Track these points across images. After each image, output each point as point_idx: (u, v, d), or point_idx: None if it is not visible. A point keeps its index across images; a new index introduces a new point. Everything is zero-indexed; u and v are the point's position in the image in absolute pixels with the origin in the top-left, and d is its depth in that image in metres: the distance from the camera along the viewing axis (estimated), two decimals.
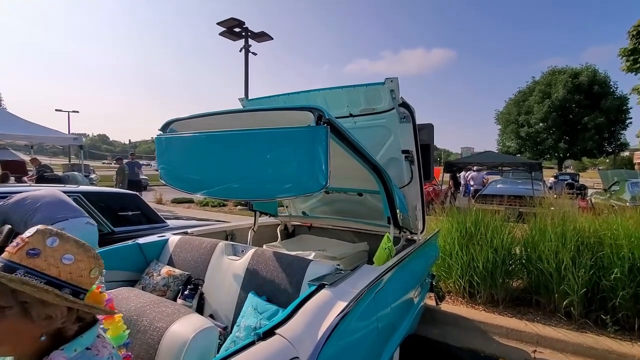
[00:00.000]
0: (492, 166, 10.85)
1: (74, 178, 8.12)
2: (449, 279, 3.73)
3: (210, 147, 1.75)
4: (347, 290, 1.55)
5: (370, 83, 2.45)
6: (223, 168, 1.76)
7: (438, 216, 4.17)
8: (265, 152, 1.58)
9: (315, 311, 1.36)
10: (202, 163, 1.82)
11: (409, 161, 2.73)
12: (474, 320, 3.26)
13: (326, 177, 1.46)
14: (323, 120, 1.46)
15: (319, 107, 1.50)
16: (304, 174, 1.53)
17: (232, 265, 2.07)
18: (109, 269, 2.24)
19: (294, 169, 1.55)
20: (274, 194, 1.76)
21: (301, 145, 1.50)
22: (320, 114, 1.48)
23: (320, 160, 1.45)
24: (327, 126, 1.44)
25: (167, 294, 2.11)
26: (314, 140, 1.45)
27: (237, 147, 1.66)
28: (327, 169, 1.46)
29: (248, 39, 11.25)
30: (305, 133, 1.48)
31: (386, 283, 1.89)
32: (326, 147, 1.44)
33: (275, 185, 1.67)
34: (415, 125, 2.54)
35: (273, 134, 1.53)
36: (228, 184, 1.81)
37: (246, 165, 1.67)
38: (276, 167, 1.59)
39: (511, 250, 3.60)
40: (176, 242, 2.41)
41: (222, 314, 1.97)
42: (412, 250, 2.55)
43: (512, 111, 28.85)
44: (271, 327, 1.17)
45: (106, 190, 3.92)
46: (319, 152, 1.45)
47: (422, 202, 2.93)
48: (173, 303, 1.22)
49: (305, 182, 1.54)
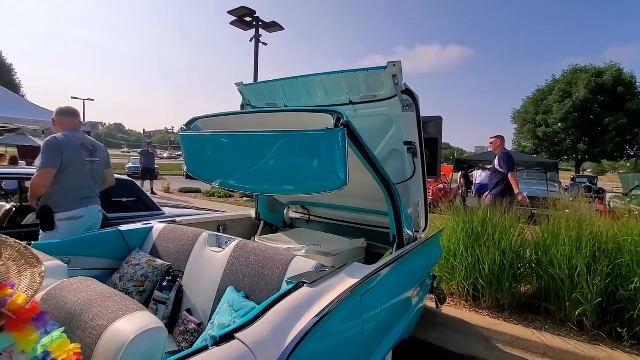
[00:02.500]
0: None
1: None
2: (452, 280, 3.54)
3: (236, 145, 1.90)
4: (328, 290, 1.39)
5: (371, 67, 2.26)
6: (247, 165, 1.92)
7: (444, 214, 3.96)
8: (287, 153, 1.71)
9: (287, 313, 1.20)
10: (229, 160, 1.99)
11: (412, 153, 2.54)
12: (476, 325, 3.07)
13: (345, 175, 1.57)
14: (341, 122, 1.53)
15: (339, 110, 1.58)
16: (324, 173, 1.64)
17: (213, 257, 1.94)
18: (88, 256, 2.17)
19: (315, 168, 1.65)
20: (296, 190, 1.92)
21: (321, 146, 1.60)
22: (339, 117, 1.55)
23: (340, 159, 1.55)
24: (345, 128, 1.52)
25: (145, 284, 2.00)
26: (333, 141, 1.54)
27: (261, 147, 1.79)
28: (346, 167, 1.56)
29: (259, 28, 11.08)
30: (324, 135, 1.56)
31: (378, 283, 1.73)
32: (344, 147, 1.53)
33: (297, 182, 1.84)
34: (419, 115, 2.35)
35: (296, 136, 1.64)
36: (252, 181, 2.00)
37: (269, 164, 1.79)
38: (297, 166, 1.72)
39: (520, 253, 3.38)
40: (160, 231, 2.30)
41: (199, 309, 1.85)
42: (411, 249, 2.37)
43: (530, 110, 27.99)
44: (230, 331, 1.02)
45: None
46: (338, 152, 1.54)
47: (424, 198, 2.75)
48: (124, 297, 1.08)
49: (325, 180, 1.65)
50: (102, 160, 2.79)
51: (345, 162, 1.55)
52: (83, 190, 2.58)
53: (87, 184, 2.62)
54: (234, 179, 2.13)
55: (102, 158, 2.80)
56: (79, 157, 2.55)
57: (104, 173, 2.83)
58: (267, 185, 2.05)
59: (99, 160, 2.74)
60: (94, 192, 2.70)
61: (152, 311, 1.88)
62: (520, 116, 29.01)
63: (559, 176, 10.77)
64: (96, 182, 2.73)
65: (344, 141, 1.53)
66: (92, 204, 2.64)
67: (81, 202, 2.54)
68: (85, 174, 2.60)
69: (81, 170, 2.57)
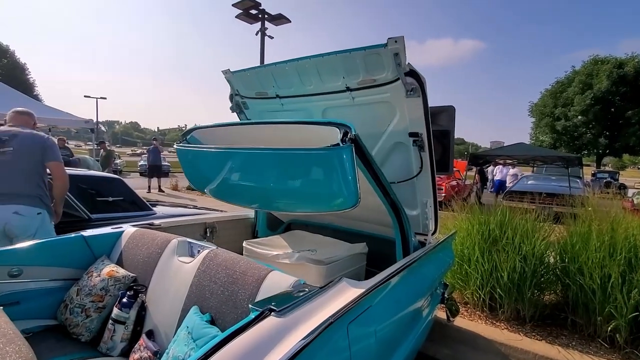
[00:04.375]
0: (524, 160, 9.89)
1: (84, 161, 8.05)
2: (466, 289, 3.18)
3: (236, 162, 1.82)
4: (303, 319, 1.08)
5: (369, 45, 1.93)
6: (249, 182, 1.86)
7: (456, 214, 3.60)
8: (291, 171, 1.62)
9: (242, 354, 0.90)
10: (229, 176, 1.89)
11: (418, 147, 2.20)
12: (494, 340, 2.72)
13: (356, 194, 1.49)
14: (349, 137, 1.40)
15: (346, 123, 1.45)
16: (332, 192, 1.56)
17: (181, 269, 1.66)
18: (45, 265, 1.90)
19: (322, 187, 1.58)
20: (302, 209, 1.89)
21: (327, 165, 1.49)
22: (346, 130, 1.42)
23: (349, 178, 1.45)
24: (352, 144, 1.40)
25: (105, 299, 1.73)
26: (341, 159, 1.42)
27: (262, 165, 1.72)
28: (356, 186, 1.47)
29: (264, 21, 10.78)
30: (330, 154, 1.43)
31: (374, 303, 1.42)
32: (353, 165, 1.42)
33: (303, 201, 1.81)
34: (426, 101, 2.00)
35: (299, 154, 1.52)
36: (255, 197, 1.97)
37: (272, 182, 1.74)
38: (303, 185, 1.64)
39: (544, 259, 3.00)
40: (129, 236, 2.03)
41: (162, 331, 1.57)
42: (419, 256, 2.05)
43: (548, 103, 26.95)
44: None
45: (84, 173, 3.62)
46: (346, 170, 1.44)
47: (433, 198, 2.41)
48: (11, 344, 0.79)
49: (334, 200, 1.59)
50: (20, 150, 2.37)
51: (355, 180, 1.46)
52: None
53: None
54: (236, 195, 2.09)
55: (20, 148, 2.37)
56: None
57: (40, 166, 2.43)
58: (272, 202, 2.03)
59: (12, 151, 2.34)
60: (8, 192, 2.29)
61: (109, 332, 1.62)
62: (538, 109, 27.99)
63: (582, 171, 10.16)
64: (15, 179, 2.33)
65: (353, 159, 1.41)
66: (5, 203, 2.26)
67: None
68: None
69: None
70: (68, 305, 1.75)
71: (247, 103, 2.76)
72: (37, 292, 1.82)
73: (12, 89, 9.33)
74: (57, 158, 2.53)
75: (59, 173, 2.50)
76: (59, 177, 2.50)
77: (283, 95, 2.51)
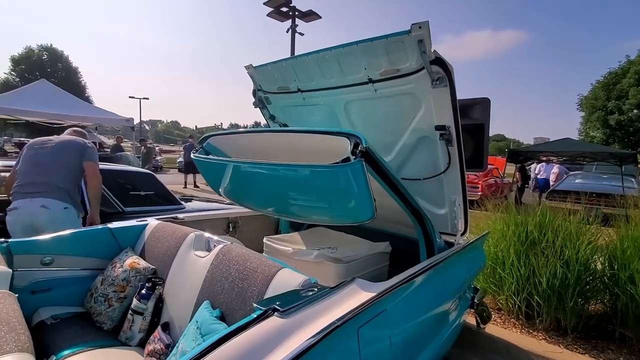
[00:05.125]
0: (570, 156, 9.12)
1: (125, 158, 8.50)
2: (500, 294, 2.97)
3: (249, 175, 1.86)
4: (309, 321, 1.02)
5: (392, 33, 1.82)
6: (265, 193, 1.94)
7: (490, 214, 3.38)
8: (303, 186, 1.65)
9: (240, 357, 0.86)
10: (245, 186, 2.00)
11: (446, 140, 2.06)
12: (529, 351, 2.51)
13: (372, 207, 1.49)
14: (360, 149, 1.35)
15: (357, 133, 1.41)
16: (347, 207, 1.59)
17: (197, 263, 1.66)
18: (74, 255, 2.00)
19: (336, 202, 1.61)
20: (321, 221, 1.98)
21: (338, 182, 1.47)
22: (357, 141, 1.38)
23: (362, 193, 1.43)
24: (361, 159, 1.34)
25: (126, 290, 1.78)
26: (351, 176, 1.39)
27: (274, 179, 1.74)
28: (371, 199, 1.45)
29: (295, 18, 10.80)
30: (340, 171, 1.39)
31: (391, 305, 1.33)
32: (365, 181, 1.39)
33: (320, 214, 1.88)
34: (454, 91, 1.86)
35: (307, 170, 1.51)
36: (273, 206, 2.05)
37: (287, 196, 1.80)
38: (318, 199, 1.67)
39: (589, 265, 2.73)
40: (152, 229, 2.07)
41: (176, 324, 1.58)
42: (444, 257, 1.92)
43: (600, 96, 24.80)
44: None
45: (118, 168, 3.79)
46: (358, 186, 1.41)
47: (463, 196, 2.26)
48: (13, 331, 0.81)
49: (350, 214, 1.65)
50: (59, 146, 2.57)
51: (368, 195, 1.43)
52: (24, 182, 2.44)
53: (30, 174, 2.45)
54: (250, 200, 2.21)
55: (61, 145, 2.58)
56: (29, 149, 2.57)
57: (74, 164, 2.58)
58: (285, 210, 2.07)
59: (52, 146, 2.56)
60: (36, 185, 2.42)
61: (129, 322, 1.66)
62: (589, 103, 25.83)
63: (638, 170, 9.23)
64: (47, 172, 2.47)
65: (364, 174, 1.36)
66: (33, 197, 2.37)
67: (18, 195, 2.40)
68: (30, 164, 2.49)
69: (26, 161, 2.51)
70: (93, 294, 1.82)
71: (270, 98, 2.74)
72: (66, 281, 1.91)
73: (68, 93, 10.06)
74: (93, 159, 2.67)
75: (92, 172, 2.63)
76: (91, 176, 2.62)
77: (304, 90, 2.46)
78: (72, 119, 8.00)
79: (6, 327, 0.83)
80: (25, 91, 8.72)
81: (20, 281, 1.75)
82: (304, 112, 2.67)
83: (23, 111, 7.53)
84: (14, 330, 0.82)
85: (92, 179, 2.62)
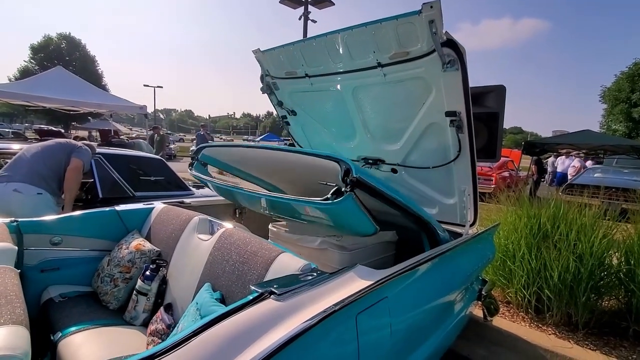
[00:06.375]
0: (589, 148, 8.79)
1: (138, 145, 8.61)
2: (509, 287, 2.91)
3: (241, 195, 2.03)
4: (305, 305, 1.01)
5: (401, 14, 1.75)
6: (259, 207, 2.00)
7: (502, 206, 3.29)
8: (304, 213, 1.73)
9: (233, 336, 0.85)
10: (240, 198, 2.19)
11: (456, 127, 1.99)
12: (538, 345, 2.46)
13: (372, 225, 1.61)
14: (350, 178, 1.36)
15: (346, 160, 1.41)
16: (349, 228, 1.78)
17: (200, 246, 1.66)
18: (83, 236, 2.03)
19: (337, 224, 1.74)
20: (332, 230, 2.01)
21: (332, 213, 1.54)
22: (347, 168, 1.38)
23: (358, 219, 1.52)
24: (352, 195, 1.37)
25: (131, 271, 1.80)
26: (343, 209, 1.42)
27: (276, 203, 1.82)
28: (368, 220, 1.54)
29: (308, 5, 10.64)
30: (331, 207, 1.41)
31: (393, 293, 1.31)
32: (358, 210, 1.45)
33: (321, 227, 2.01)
34: (466, 75, 1.79)
35: (306, 203, 1.53)
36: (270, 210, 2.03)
37: (293, 214, 1.92)
38: (320, 220, 1.74)
39: (604, 260, 2.63)
40: (158, 212, 2.09)
41: (179, 305, 1.59)
42: (452, 246, 1.88)
43: (624, 87, 23.81)
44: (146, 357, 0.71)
45: (129, 154, 3.82)
46: (352, 215, 1.49)
47: (473, 185, 2.19)
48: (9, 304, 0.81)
49: (353, 231, 1.85)
50: (51, 143, 2.77)
51: (365, 218, 1.52)
52: (5, 168, 2.52)
53: (12, 163, 2.55)
54: (253, 206, 2.29)
55: (53, 142, 2.77)
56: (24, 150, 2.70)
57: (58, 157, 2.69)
58: (290, 216, 2.11)
59: (45, 143, 2.75)
60: (14, 171, 2.49)
61: (133, 302, 1.68)
62: (612, 95, 24.86)
63: None
64: (28, 162, 2.55)
65: (356, 205, 1.41)
66: (7, 181, 2.42)
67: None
68: (16, 157, 2.60)
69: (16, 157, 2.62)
70: (100, 274, 1.85)
71: (278, 84, 2.70)
72: (75, 260, 1.95)
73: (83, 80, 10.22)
74: (80, 157, 2.73)
75: (74, 166, 2.68)
76: (70, 169, 2.66)
77: (312, 75, 2.41)
78: (87, 106, 8.15)
79: (3, 300, 0.84)
80: (42, 78, 8.90)
81: (30, 260, 1.80)
82: (312, 98, 2.63)
83: (40, 97, 7.71)
84: (10, 303, 0.83)
85: (70, 172, 2.66)
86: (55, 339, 1.45)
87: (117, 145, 8.16)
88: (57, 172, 2.65)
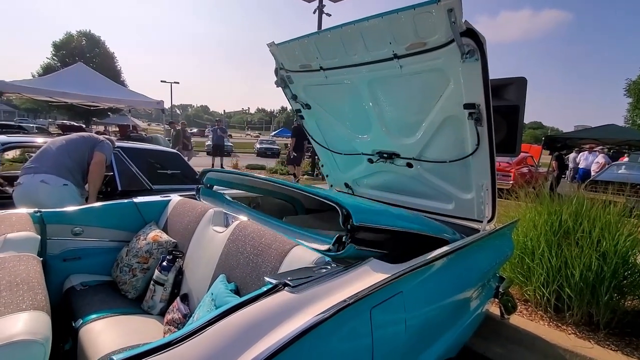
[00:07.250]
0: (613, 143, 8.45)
1: (155, 140, 8.81)
2: (528, 285, 2.84)
3: None
4: (320, 297, 1.00)
5: (419, 3, 1.70)
6: None
7: (521, 202, 3.21)
8: None
9: (247, 327, 0.86)
10: None
11: (475, 120, 1.94)
12: (557, 345, 2.39)
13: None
14: (350, 224, 1.34)
15: (346, 205, 1.38)
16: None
17: (215, 238, 1.68)
18: (102, 227, 2.08)
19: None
20: None
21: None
22: (347, 214, 1.36)
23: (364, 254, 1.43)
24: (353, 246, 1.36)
25: (149, 261, 1.84)
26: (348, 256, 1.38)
27: None
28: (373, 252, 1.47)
29: None
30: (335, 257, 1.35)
31: (408, 288, 1.29)
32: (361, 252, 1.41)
33: None
34: (486, 66, 1.73)
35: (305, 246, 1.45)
36: None
37: None
38: None
39: (629, 258, 2.54)
40: (174, 204, 2.12)
41: (194, 296, 1.61)
42: (469, 242, 1.84)
43: None
44: (141, 353, 0.71)
45: (146, 147, 3.90)
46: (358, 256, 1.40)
47: (491, 180, 2.14)
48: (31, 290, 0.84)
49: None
50: (76, 136, 2.86)
51: (370, 253, 1.44)
52: (33, 160, 2.61)
53: (39, 154, 2.64)
54: None
55: (78, 136, 2.87)
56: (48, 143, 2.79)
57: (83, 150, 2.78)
58: None
59: (70, 136, 2.84)
60: (41, 163, 2.58)
61: (150, 292, 1.72)
62: (637, 88, 23.85)
63: None
64: (54, 154, 2.64)
65: (359, 251, 1.39)
66: (35, 173, 2.51)
67: (25, 170, 2.56)
68: (42, 149, 2.68)
69: (41, 149, 2.70)
70: (119, 264, 1.90)
71: (292, 77, 2.68)
72: (95, 250, 2.00)
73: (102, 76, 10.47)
74: (103, 151, 2.82)
75: (97, 160, 2.77)
76: (94, 162, 2.75)
77: (327, 67, 2.39)
78: (106, 101, 8.35)
79: (25, 286, 0.87)
80: (64, 74, 9.17)
81: (53, 249, 1.86)
82: (327, 91, 2.60)
83: (61, 93, 7.95)
84: (32, 289, 0.86)
85: (94, 165, 2.75)
86: (77, 326, 1.49)
87: (135, 139, 8.38)
88: (81, 164, 2.74)
